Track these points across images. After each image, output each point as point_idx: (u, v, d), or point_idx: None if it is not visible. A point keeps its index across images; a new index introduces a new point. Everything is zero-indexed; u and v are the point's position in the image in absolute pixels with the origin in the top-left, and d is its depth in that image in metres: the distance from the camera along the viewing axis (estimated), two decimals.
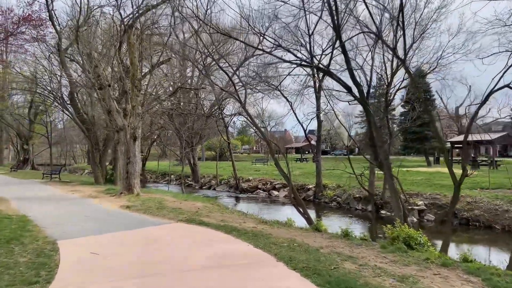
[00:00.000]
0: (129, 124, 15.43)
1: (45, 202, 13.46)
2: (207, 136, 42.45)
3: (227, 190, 31.10)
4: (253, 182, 30.74)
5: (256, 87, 30.80)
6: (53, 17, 21.09)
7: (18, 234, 7.57)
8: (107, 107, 15.86)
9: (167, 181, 38.80)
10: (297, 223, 11.79)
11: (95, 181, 22.41)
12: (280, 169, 10.38)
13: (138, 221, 9.81)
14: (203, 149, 68.49)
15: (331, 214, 20.88)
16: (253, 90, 30.31)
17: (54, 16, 20.93)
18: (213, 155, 64.18)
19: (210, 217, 10.45)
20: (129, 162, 15.38)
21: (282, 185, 28.65)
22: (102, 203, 13.33)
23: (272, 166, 41.46)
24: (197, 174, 34.71)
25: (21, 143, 38.12)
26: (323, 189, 24.87)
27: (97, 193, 16.37)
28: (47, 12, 20.96)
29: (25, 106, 36.65)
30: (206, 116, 32.29)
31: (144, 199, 13.52)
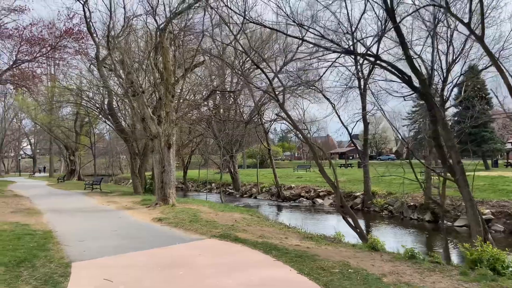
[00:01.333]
0: (163, 131, 14.69)
1: (78, 214, 12.93)
2: (247, 143, 41.63)
3: (268, 199, 29.86)
4: (296, 190, 29.29)
5: (296, 91, 29.64)
6: (91, 28, 21.08)
7: (33, 255, 6.77)
8: (141, 114, 15.25)
9: (208, 189, 38.29)
10: (347, 237, 10.33)
11: (134, 191, 22.05)
12: (325, 176, 9.05)
13: (167, 236, 8.81)
14: (244, 157, 67.91)
15: (382, 224, 19.03)
16: (293, 94, 29.16)
17: (92, 27, 20.90)
18: (254, 162, 63.37)
19: (247, 231, 9.27)
20: (163, 171, 14.61)
21: (327, 193, 27.00)
22: (135, 215, 12.57)
23: (315, 173, 39.73)
24: (237, 182, 33.80)
25: (68, 154, 39.21)
26: (372, 197, 22.96)
27: (132, 204, 15.76)
28: (86, 24, 20.98)
29: (71, 119, 37.67)
30: (245, 122, 31.39)
31: (178, 211, 12.61)
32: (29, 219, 11.66)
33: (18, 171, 66.49)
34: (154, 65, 15.27)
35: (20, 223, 10.53)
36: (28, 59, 25.68)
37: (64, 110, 36.74)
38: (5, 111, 51.44)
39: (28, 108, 35.03)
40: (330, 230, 15.12)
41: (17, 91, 30.59)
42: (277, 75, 8.98)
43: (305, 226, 14.58)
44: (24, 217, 11.96)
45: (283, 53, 25.10)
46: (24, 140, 72.35)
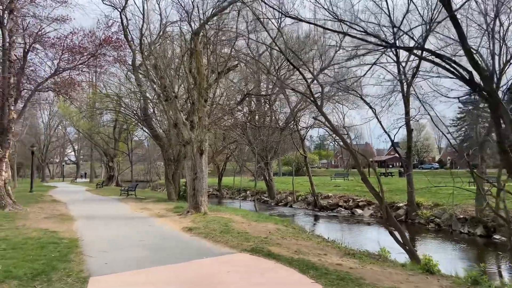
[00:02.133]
0: (196, 137, 14.22)
1: (109, 221, 12.65)
2: (283, 151, 40.78)
3: (304, 208, 28.81)
4: (333, 199, 28.07)
5: (334, 97, 28.65)
6: (128, 35, 21.22)
7: (52, 267, 6.34)
8: (173, 120, 14.90)
9: (242, 197, 37.73)
10: (392, 252, 9.28)
11: (168, 198, 21.82)
12: (369, 186, 8.11)
13: (195, 249, 8.19)
14: (279, 164, 67.01)
15: (429, 238, 17.54)
16: (331, 100, 28.15)
17: (129, 34, 21.03)
18: (290, 170, 62.26)
19: (281, 245, 8.47)
20: (195, 178, 14.11)
21: (367, 203, 25.64)
22: (165, 223, 12.10)
23: (353, 182, 38.14)
24: (272, 190, 33.00)
25: (107, 160, 40.07)
26: (416, 208, 21.40)
27: (165, 212, 15.37)
28: (123, 30, 21.12)
29: (110, 125, 38.52)
30: (280, 129, 30.62)
31: (209, 220, 12.01)
32: (60, 225, 11.48)
33: (62, 176, 69.22)
34: (188, 69, 14.92)
35: (49, 230, 10.31)
36: (69, 67, 26.31)
37: (104, 117, 37.59)
38: (50, 118, 53.63)
39: (70, 115, 36.17)
40: (373, 244, 13.99)
41: (59, 98, 31.54)
42: (316, 78, 8.18)
43: (345, 239, 13.56)
44: (56, 224, 11.81)
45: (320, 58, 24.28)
46: (69, 146, 75.43)
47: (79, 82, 28.29)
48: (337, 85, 19.30)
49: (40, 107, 48.64)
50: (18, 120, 30.87)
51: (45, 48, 25.13)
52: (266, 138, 28.20)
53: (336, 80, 17.88)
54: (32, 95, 25.78)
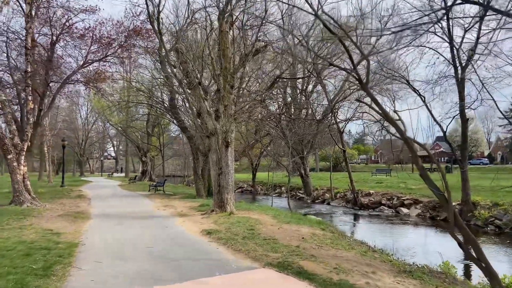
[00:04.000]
0: (221, 128, 12.72)
1: (125, 221, 11.42)
2: (320, 145, 38.65)
3: (343, 205, 26.71)
4: (375, 197, 25.77)
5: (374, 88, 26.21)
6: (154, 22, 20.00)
7: (22, 284, 5.00)
8: (197, 109, 13.46)
9: (277, 193, 36.08)
10: (457, 267, 7.33)
11: (196, 194, 20.58)
12: (430, 183, 6.25)
13: (210, 260, 6.65)
14: (316, 159, 64.73)
15: (490, 243, 15.06)
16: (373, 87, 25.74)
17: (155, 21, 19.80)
18: (327, 165, 59.80)
19: (317, 258, 6.74)
20: (220, 173, 12.61)
21: (413, 201, 23.20)
22: (185, 224, 10.68)
23: (397, 178, 35.46)
24: (309, 186, 31.10)
25: (140, 155, 39.72)
26: (472, 208, 18.83)
27: (188, 210, 14.03)
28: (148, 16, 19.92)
29: (143, 120, 38.05)
30: (317, 121, 28.61)
31: (234, 221, 10.45)
32: (69, 225, 10.37)
33: (101, 171, 70.67)
34: (212, 53, 13.41)
35: (53, 231, 9.16)
36: (98, 58, 25.69)
37: (137, 111, 37.09)
38: (88, 113, 54.39)
39: (103, 109, 35.99)
40: (427, 250, 11.91)
41: (89, 92, 31.21)
42: (366, 57, 6.39)
43: (393, 244, 11.61)
44: (66, 223, 10.73)
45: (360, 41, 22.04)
46: (108, 142, 77.01)
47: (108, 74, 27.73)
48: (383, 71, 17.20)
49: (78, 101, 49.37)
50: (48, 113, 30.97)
51: (74, 39, 24.61)
52: (302, 131, 26.32)
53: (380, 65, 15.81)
54: (61, 87, 25.42)
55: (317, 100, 33.37)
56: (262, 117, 24.23)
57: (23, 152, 14.44)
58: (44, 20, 24.57)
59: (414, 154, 6.59)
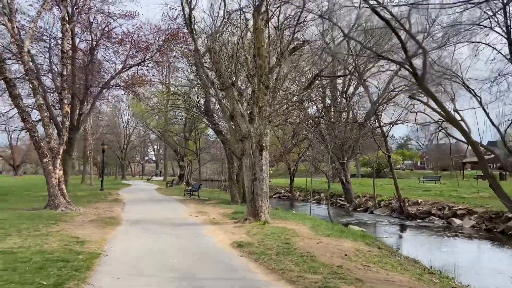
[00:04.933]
0: (255, 130, 11.91)
1: (154, 228, 10.86)
2: (362, 149, 36.91)
3: (388, 215, 24.98)
4: (424, 206, 23.88)
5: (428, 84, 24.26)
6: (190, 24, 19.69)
7: None
8: (230, 111, 12.75)
9: (316, 200, 34.76)
10: None
11: (231, 200, 19.89)
12: (503, 196, 5.06)
13: (237, 281, 5.80)
14: (357, 165, 62.46)
15: None
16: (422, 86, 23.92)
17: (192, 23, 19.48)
18: (369, 171, 57.39)
19: (364, 282, 5.69)
20: (254, 179, 11.78)
21: (467, 211, 21.18)
22: (216, 234, 9.93)
23: (447, 186, 33.06)
24: (350, 193, 29.59)
25: (178, 159, 39.82)
26: None
27: (221, 217, 13.31)
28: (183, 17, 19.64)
29: (181, 124, 38.13)
30: (359, 124, 27.15)
31: (268, 232, 9.56)
32: (97, 232, 9.93)
33: (141, 174, 72.29)
34: (246, 53, 12.67)
35: (79, 239, 8.71)
36: (136, 63, 25.81)
37: (175, 115, 37.19)
38: (129, 118, 55.65)
39: (142, 113, 36.41)
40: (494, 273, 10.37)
41: (128, 96, 31.64)
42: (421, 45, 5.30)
43: (451, 262, 10.20)
44: (95, 229, 10.31)
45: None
46: (149, 145, 78.75)
47: (146, 79, 27.85)
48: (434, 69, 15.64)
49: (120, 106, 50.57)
50: (88, 118, 31.64)
51: (113, 44, 24.86)
52: (342, 135, 25.02)
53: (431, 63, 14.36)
54: (101, 92, 25.79)
55: (359, 102, 31.85)
56: (300, 120, 23.23)
57: (58, 155, 14.39)
58: (85, 26, 25.08)
59: (482, 160, 5.43)
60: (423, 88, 5.68)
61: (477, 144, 5.37)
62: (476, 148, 5.29)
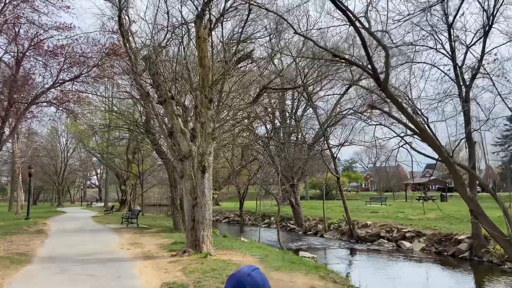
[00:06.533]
0: (197, 149, 10.58)
1: (71, 268, 8.98)
2: (311, 171, 36.60)
3: (338, 238, 24.35)
4: (373, 228, 23.54)
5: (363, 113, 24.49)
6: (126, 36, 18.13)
7: None
8: (168, 128, 11.33)
9: (266, 224, 33.58)
10: None
11: (174, 228, 18.10)
12: (488, 224, 4.18)
13: None
14: (306, 187, 62.53)
15: None
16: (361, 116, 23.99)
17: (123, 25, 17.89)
18: (318, 193, 57.53)
19: None
20: (195, 204, 10.34)
21: (415, 233, 21.02)
22: (145, 273, 8.29)
23: (393, 207, 33.34)
24: (300, 217, 28.76)
25: (119, 183, 37.03)
26: (485, 242, 16.71)
27: (157, 250, 11.60)
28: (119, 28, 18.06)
29: (124, 145, 35.62)
30: (308, 145, 26.68)
31: (209, 268, 8.12)
32: None
33: (82, 201, 67.10)
34: (189, 64, 11.45)
35: None
36: (70, 78, 23.56)
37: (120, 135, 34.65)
38: (68, 140, 51.70)
39: (79, 133, 33.56)
40: None
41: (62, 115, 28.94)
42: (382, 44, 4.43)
43: None
44: None
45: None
46: (91, 170, 73.72)
47: (83, 95, 25.55)
48: None
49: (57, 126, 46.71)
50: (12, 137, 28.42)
51: (42, 55, 22.52)
52: (292, 155, 24.29)
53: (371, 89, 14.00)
54: (27, 109, 23.10)
55: (308, 124, 31.64)
56: (249, 140, 22.21)
57: None
58: (12, 36, 22.58)
59: (460, 179, 4.56)
60: (386, 93, 4.79)
61: (453, 162, 4.51)
62: (452, 166, 4.43)
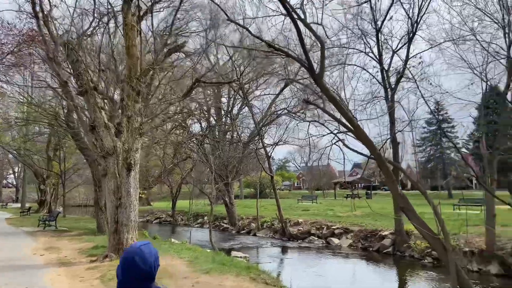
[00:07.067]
0: (122, 145, 9.77)
1: None
2: (245, 171, 36.59)
3: (271, 236, 24.49)
4: (304, 226, 23.99)
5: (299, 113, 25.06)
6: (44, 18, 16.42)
7: None
8: (90, 121, 10.36)
9: (199, 224, 32.89)
10: None
11: (97, 230, 16.80)
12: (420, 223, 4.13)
13: None
14: (241, 186, 62.67)
15: (429, 279, 13.69)
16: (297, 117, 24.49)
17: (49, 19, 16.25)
18: (252, 192, 57.91)
19: None
20: (119, 205, 9.53)
21: (344, 230, 21.74)
22: (57, 282, 7.40)
23: (323, 205, 34.45)
24: (233, 216, 28.52)
25: (38, 183, 33.93)
26: (406, 238, 17.73)
27: (76, 255, 10.55)
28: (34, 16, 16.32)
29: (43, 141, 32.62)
30: (243, 144, 26.54)
31: None
32: None
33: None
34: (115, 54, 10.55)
35: None
36: None
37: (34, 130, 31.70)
38: None
39: None
40: None
41: None
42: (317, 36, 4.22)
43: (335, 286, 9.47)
44: None
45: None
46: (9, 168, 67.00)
47: None
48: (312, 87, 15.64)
49: None
50: None
51: None
52: (227, 154, 23.97)
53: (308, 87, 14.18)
54: None
55: (242, 123, 31.56)
56: (183, 138, 21.46)
57: None
58: None
59: (391, 177, 4.52)
60: (320, 87, 4.62)
61: (385, 159, 4.46)
62: (383, 163, 4.38)
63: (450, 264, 4.26)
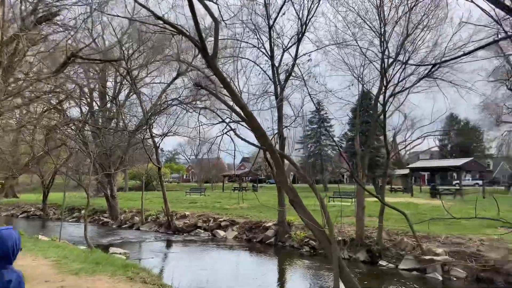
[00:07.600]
0: None
1: None
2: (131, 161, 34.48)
3: (155, 230, 23.53)
4: (191, 219, 23.60)
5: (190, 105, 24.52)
6: None
7: None
8: None
9: (75, 218, 29.95)
10: None
11: None
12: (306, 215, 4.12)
13: None
14: (126, 178, 59.20)
15: (304, 266, 14.57)
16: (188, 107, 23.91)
17: None
18: (138, 184, 55.16)
19: None
20: None
21: (230, 222, 21.98)
22: None
23: (211, 197, 34.47)
24: (115, 209, 26.61)
25: None
26: (288, 228, 18.67)
27: None
28: None
29: None
30: (129, 133, 24.82)
31: None
32: None
33: None
34: None
35: None
36: None
37: None
38: None
39: None
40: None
41: None
42: (212, 15, 3.86)
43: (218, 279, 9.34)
44: None
45: None
46: None
47: None
48: None
49: None
50: None
51: None
52: (110, 142, 22.10)
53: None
54: None
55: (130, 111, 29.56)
56: (58, 122, 19.05)
57: None
58: None
59: (281, 168, 4.43)
60: (213, 69, 4.29)
61: (275, 149, 4.34)
62: (275, 154, 4.26)
63: (334, 256, 4.35)
